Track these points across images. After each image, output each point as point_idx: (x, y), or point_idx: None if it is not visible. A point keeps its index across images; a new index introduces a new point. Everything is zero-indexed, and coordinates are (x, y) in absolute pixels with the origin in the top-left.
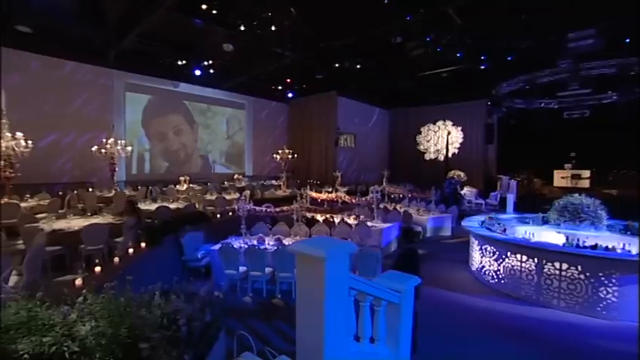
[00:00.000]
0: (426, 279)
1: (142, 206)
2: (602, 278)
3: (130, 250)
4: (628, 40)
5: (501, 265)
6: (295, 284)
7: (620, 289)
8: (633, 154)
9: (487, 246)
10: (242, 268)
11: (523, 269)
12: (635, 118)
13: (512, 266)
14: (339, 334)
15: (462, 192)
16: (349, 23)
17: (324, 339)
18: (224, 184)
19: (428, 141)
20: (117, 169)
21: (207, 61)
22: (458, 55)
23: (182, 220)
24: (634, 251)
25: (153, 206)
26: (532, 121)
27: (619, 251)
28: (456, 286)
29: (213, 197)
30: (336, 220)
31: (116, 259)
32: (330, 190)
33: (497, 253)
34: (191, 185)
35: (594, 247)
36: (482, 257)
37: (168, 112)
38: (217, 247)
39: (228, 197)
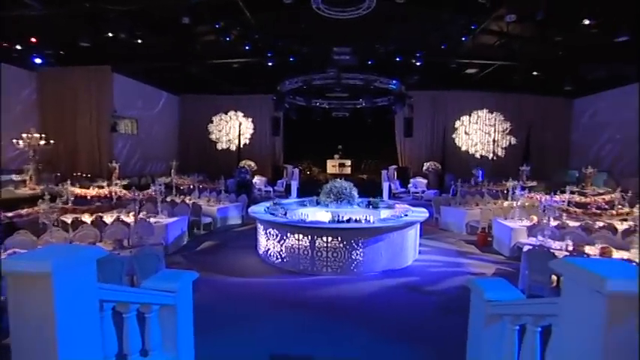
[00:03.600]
0: (216, 269)
1: None
2: (354, 244)
3: None
4: (371, 62)
5: (283, 246)
6: None
7: (364, 250)
8: (375, 147)
9: (271, 229)
10: None
11: (301, 246)
12: (376, 121)
13: (292, 245)
14: None
15: (253, 181)
16: None
17: None
18: None
19: (220, 130)
20: None
21: None
22: (246, 47)
23: None
24: (372, 220)
25: None
26: (309, 117)
27: (363, 222)
28: (245, 272)
29: None
30: (109, 219)
31: None
32: (103, 184)
33: (279, 235)
34: None
35: (348, 220)
36: (267, 240)
37: None
38: None
39: None
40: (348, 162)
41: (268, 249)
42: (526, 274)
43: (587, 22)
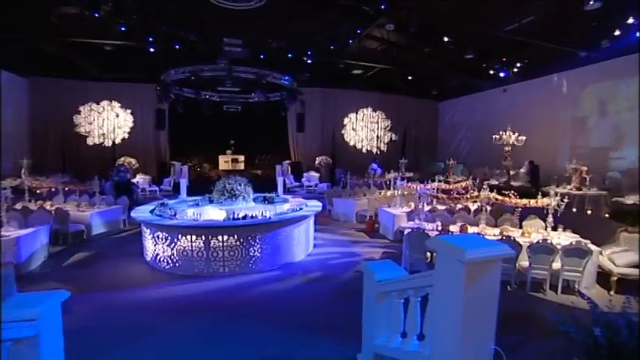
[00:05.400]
0: (95, 283)
1: None
2: (251, 240)
3: None
4: (262, 56)
5: (174, 249)
6: None
7: (262, 246)
8: (269, 142)
9: (159, 233)
10: None
11: (194, 248)
12: (269, 116)
13: (185, 247)
14: None
15: (134, 180)
16: None
17: None
18: None
19: (90, 123)
20: None
21: None
22: (122, 28)
23: None
24: (268, 215)
25: None
26: (199, 111)
27: (260, 217)
28: (131, 282)
29: None
30: None
31: None
32: None
33: (169, 238)
34: None
35: (244, 217)
36: (155, 245)
37: None
38: None
39: None
40: (242, 157)
41: (157, 254)
42: (407, 253)
43: (446, 39)
